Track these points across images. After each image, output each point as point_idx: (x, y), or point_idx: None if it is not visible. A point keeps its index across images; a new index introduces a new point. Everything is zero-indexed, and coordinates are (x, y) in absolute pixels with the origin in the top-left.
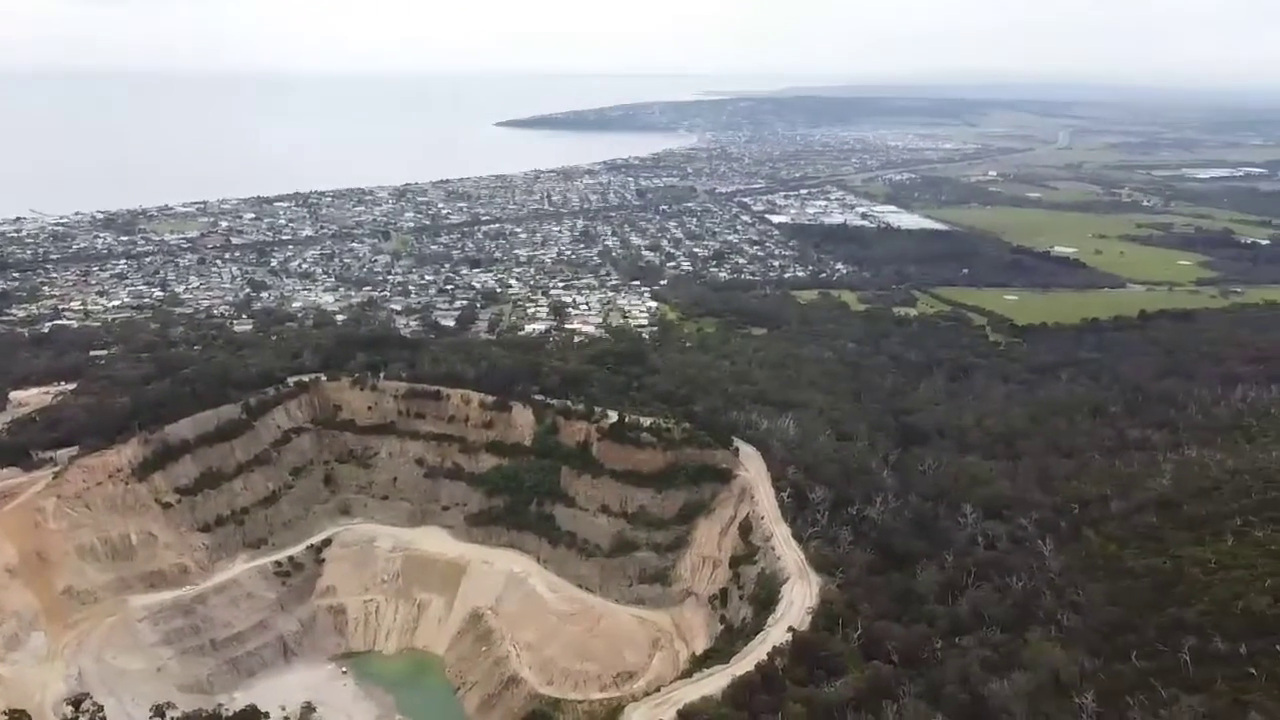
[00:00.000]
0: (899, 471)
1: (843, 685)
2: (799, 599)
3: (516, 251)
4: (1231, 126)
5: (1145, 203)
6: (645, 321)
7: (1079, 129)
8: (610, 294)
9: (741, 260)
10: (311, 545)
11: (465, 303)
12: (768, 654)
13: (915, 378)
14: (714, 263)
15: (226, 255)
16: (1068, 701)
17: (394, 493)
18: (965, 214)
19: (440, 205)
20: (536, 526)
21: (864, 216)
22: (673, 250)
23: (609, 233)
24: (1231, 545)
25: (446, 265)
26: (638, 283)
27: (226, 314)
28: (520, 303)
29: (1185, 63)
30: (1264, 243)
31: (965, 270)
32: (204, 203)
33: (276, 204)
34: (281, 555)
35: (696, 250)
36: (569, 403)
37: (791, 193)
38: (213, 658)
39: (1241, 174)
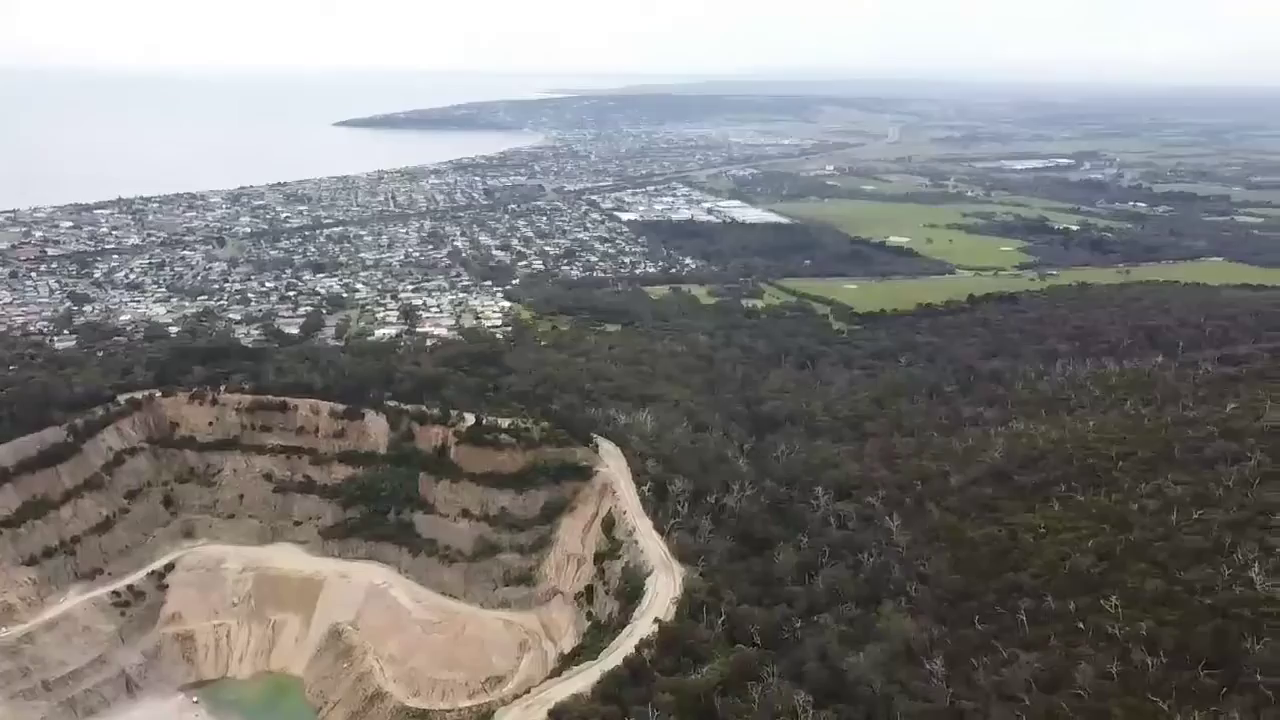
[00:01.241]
0: (754, 459)
1: (709, 671)
2: (664, 590)
3: (362, 255)
4: (1043, 121)
5: (969, 193)
6: (499, 322)
7: (907, 124)
8: (462, 295)
9: (593, 258)
10: (153, 571)
11: (310, 309)
12: (635, 647)
13: (766, 367)
14: (565, 261)
15: (42, 267)
16: (919, 668)
17: (241, 510)
18: (805, 207)
19: (279, 209)
20: (396, 536)
21: (710, 211)
22: (523, 249)
23: (458, 233)
24: (1058, 510)
25: (288, 271)
26: (489, 283)
27: (45, 330)
28: (368, 307)
29: (1001, 62)
30: (1074, 228)
31: (808, 261)
32: (14, 211)
33: (97, 211)
34: (119, 584)
35: (547, 249)
36: (424, 407)
37: (639, 189)
38: (45, 700)
39: (1053, 165)
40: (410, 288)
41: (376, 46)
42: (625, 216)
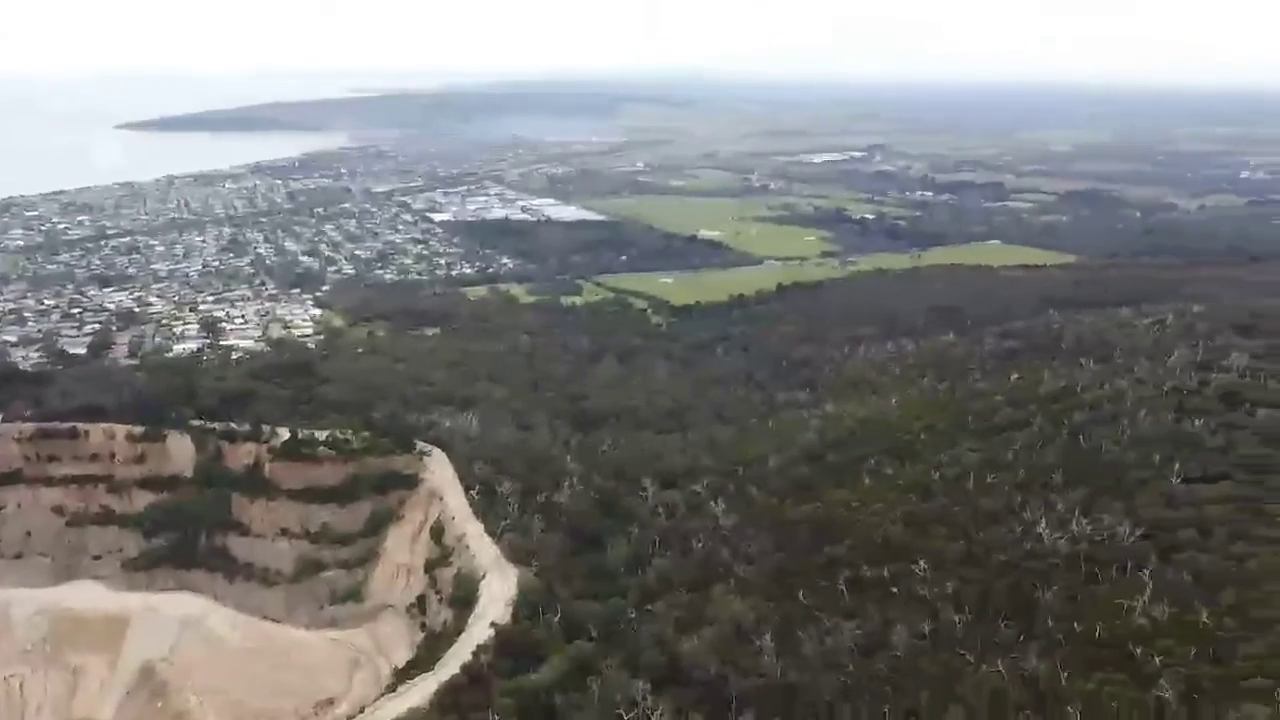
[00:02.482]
0: (581, 455)
1: (547, 670)
2: (498, 594)
3: (154, 266)
4: (838, 116)
5: (773, 186)
6: (310, 330)
7: (714, 121)
8: (269, 304)
9: (407, 260)
10: None
11: (98, 326)
12: (472, 653)
13: (587, 363)
14: (378, 264)
15: None
16: (750, 645)
17: (29, 549)
18: (619, 204)
19: (56, 220)
20: (209, 562)
21: (525, 210)
22: (333, 254)
23: (261, 239)
24: (869, 484)
25: (70, 286)
26: (298, 290)
27: None
28: (165, 322)
29: (794, 61)
30: (870, 217)
31: (624, 257)
32: None
33: None
34: None
35: (359, 253)
36: (233, 424)
37: (451, 190)
38: None
39: (847, 157)
40: (211, 299)
41: (161, 45)
42: (438, 217)
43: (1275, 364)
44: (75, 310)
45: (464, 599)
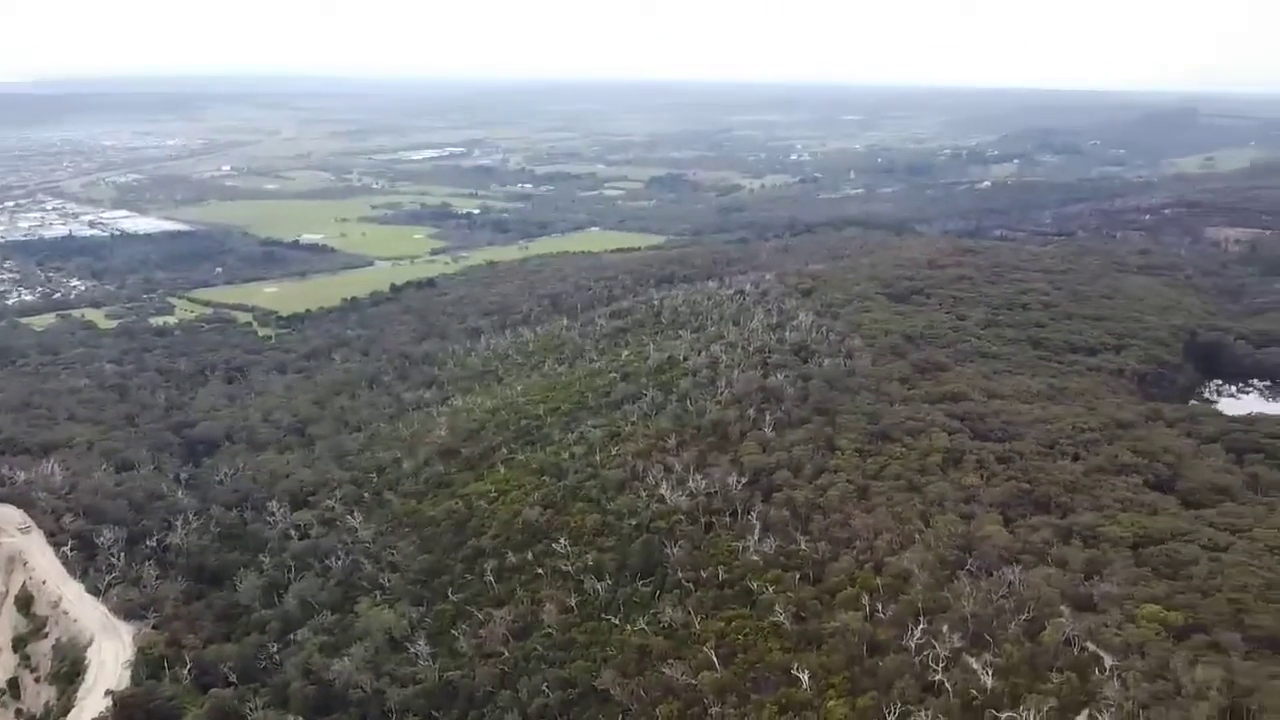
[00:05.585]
0: (195, 487)
1: None
2: (110, 657)
3: None
4: (429, 113)
5: (374, 185)
6: None
7: (302, 120)
8: None
9: None
10: None
11: None
12: None
13: (191, 386)
14: None
15: None
16: (404, 653)
17: None
18: (206, 211)
19: None
20: None
21: (93, 225)
22: None
23: None
24: (504, 473)
25: None
26: None
27: None
28: None
29: (382, 60)
30: (476, 212)
31: (219, 269)
32: None
33: None
34: None
35: None
36: None
37: None
38: None
39: (447, 153)
40: None
41: None
42: None
43: (832, 320)
44: None
45: (69, 672)
